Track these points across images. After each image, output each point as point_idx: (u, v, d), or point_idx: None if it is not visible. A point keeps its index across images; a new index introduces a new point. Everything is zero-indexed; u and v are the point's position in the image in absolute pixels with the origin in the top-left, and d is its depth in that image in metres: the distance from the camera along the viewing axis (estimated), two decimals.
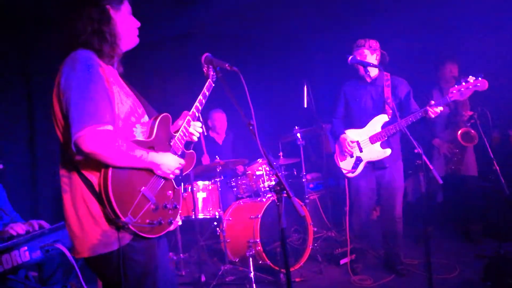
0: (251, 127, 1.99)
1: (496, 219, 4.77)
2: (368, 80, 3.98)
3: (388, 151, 3.87)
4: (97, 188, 1.74)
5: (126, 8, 1.97)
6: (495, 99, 4.71)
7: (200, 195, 4.56)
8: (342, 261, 4.26)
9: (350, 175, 4.07)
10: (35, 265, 2.71)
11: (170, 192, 2.00)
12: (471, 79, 3.44)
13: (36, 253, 2.50)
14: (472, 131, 4.57)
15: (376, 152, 3.92)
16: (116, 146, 1.69)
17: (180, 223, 2.16)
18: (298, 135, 4.91)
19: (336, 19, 5.65)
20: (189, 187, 4.47)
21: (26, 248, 2.45)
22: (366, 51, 3.87)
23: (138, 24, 2.03)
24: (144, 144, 1.87)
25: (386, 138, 3.86)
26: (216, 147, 5.46)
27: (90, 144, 1.63)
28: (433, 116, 3.57)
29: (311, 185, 5.75)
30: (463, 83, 3.47)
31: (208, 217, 4.53)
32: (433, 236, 4.80)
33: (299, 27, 5.94)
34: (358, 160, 4.00)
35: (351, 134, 4.04)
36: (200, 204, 4.53)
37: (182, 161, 2.02)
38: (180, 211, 2.08)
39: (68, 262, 2.27)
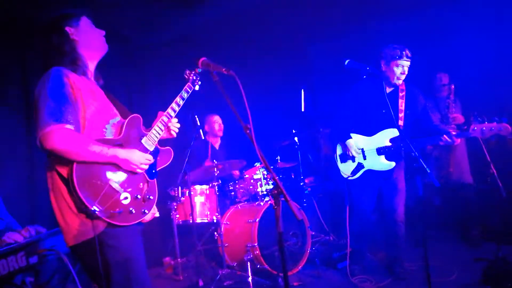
0: (248, 131, 2.01)
1: (494, 222, 4.78)
2: (388, 90, 3.85)
3: (392, 164, 3.81)
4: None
5: (84, 23, 2.24)
6: (491, 104, 4.74)
7: (198, 199, 4.55)
8: (340, 265, 4.25)
9: (349, 178, 4.03)
10: (32, 270, 2.70)
11: (142, 184, 2.19)
12: (494, 121, 3.34)
13: (33, 258, 2.50)
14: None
15: (380, 163, 3.85)
16: (74, 142, 1.91)
17: (157, 214, 2.30)
18: (296, 139, 4.91)
19: (334, 25, 5.67)
20: (187, 191, 4.46)
21: (23, 253, 2.45)
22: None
23: (102, 32, 2.30)
24: (111, 142, 2.09)
25: (393, 152, 3.79)
26: (213, 152, 5.46)
27: (51, 141, 1.89)
28: (442, 143, 3.54)
29: (308, 189, 5.74)
30: (486, 123, 3.36)
31: (206, 221, 4.52)
32: (432, 239, 4.80)
33: (297, 32, 5.96)
34: (360, 166, 3.93)
35: (357, 140, 3.94)
36: (197, 209, 4.53)
37: (149, 156, 2.21)
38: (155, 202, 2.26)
39: (65, 267, 2.28)
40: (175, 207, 4.55)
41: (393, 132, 3.78)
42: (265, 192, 4.53)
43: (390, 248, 4.05)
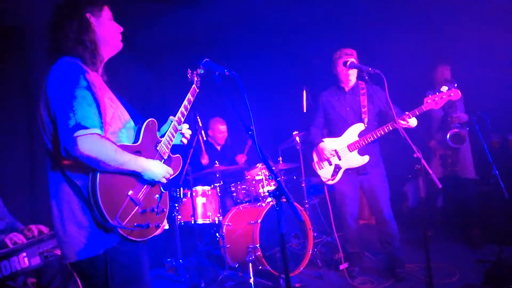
0: (250, 132, 2.00)
1: (497, 224, 4.76)
2: (346, 89, 4.08)
3: (366, 158, 3.95)
4: (85, 192, 1.75)
5: (106, 14, 2.02)
6: (494, 104, 4.72)
7: (200, 200, 4.55)
8: (341, 266, 4.24)
9: (329, 182, 4.14)
10: (34, 272, 2.70)
11: (157, 196, 2.02)
12: (444, 89, 3.59)
13: (35, 259, 2.50)
14: (462, 133, 4.59)
15: (354, 159, 3.99)
16: (105, 149, 1.71)
17: (167, 227, 2.20)
18: (297, 139, 4.91)
19: (335, 25, 5.67)
20: (188, 192, 4.46)
21: (25, 254, 2.45)
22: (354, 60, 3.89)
23: (121, 29, 2.07)
24: (130, 149, 1.89)
25: (364, 145, 3.92)
26: (216, 153, 5.45)
27: (80, 148, 1.66)
28: (402, 127, 3.61)
29: (310, 190, 5.73)
30: (437, 93, 3.60)
31: (208, 222, 4.52)
32: (434, 241, 4.79)
33: (298, 32, 5.96)
34: (337, 168, 4.08)
35: (329, 143, 4.10)
36: (199, 210, 4.52)
37: (170, 170, 2.04)
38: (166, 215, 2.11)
39: (67, 268, 2.27)
40: (177, 208, 4.55)
41: (360, 127, 3.97)
42: (267, 193, 4.52)
43: (386, 248, 4.05)
